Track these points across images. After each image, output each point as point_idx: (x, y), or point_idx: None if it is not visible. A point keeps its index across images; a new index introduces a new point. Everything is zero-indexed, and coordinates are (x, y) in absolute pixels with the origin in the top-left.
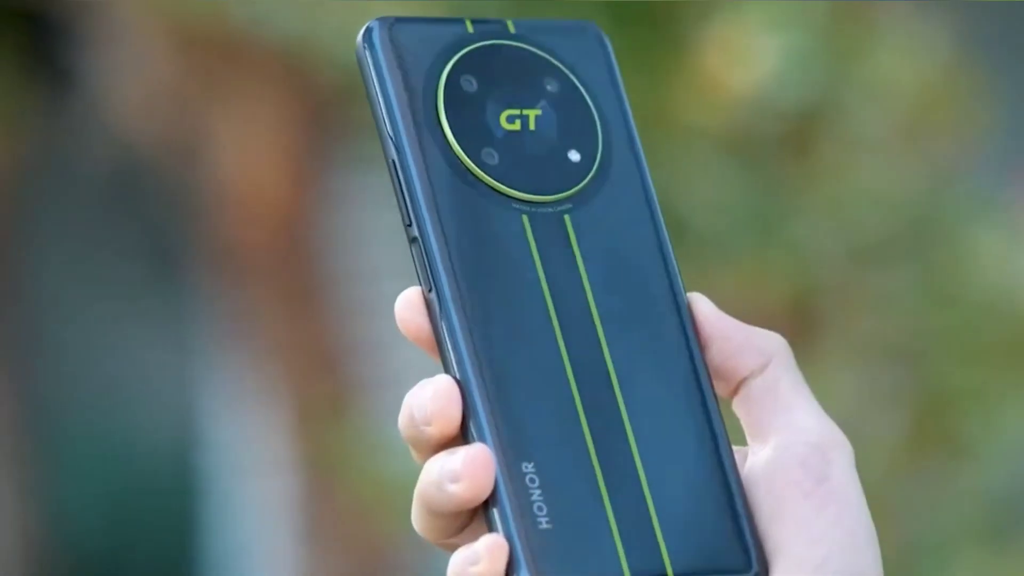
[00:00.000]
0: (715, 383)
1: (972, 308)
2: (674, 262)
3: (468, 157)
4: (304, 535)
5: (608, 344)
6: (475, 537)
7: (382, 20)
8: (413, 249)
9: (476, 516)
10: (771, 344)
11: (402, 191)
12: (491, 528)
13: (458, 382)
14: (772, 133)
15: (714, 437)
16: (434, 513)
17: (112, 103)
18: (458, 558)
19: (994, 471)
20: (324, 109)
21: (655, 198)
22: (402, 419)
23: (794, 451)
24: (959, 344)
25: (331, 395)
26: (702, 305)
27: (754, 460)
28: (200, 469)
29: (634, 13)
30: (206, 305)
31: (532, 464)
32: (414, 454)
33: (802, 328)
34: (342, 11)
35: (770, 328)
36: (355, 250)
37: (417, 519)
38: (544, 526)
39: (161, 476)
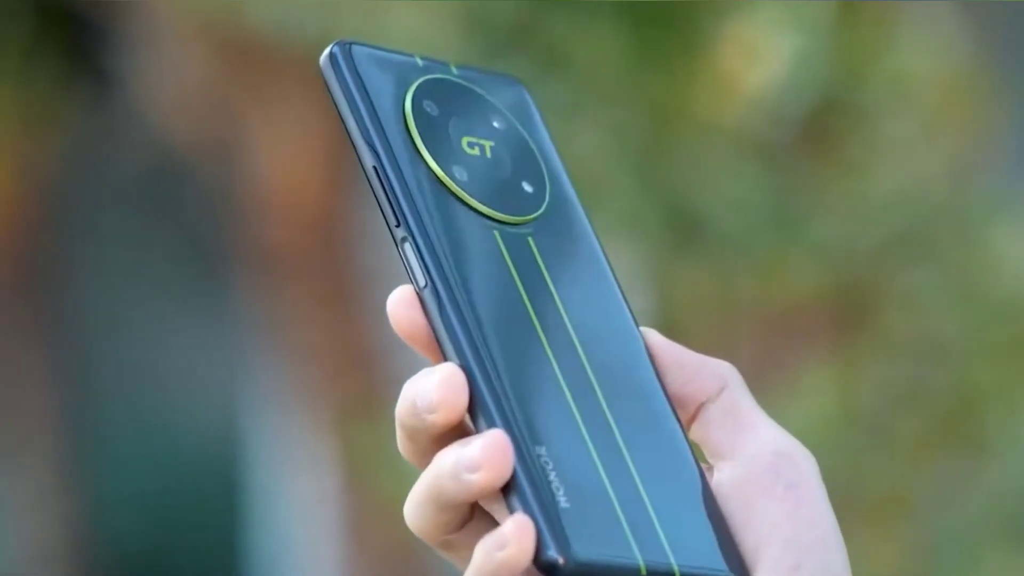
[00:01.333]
0: (678, 409)
1: (994, 305)
2: (624, 298)
3: (442, 170)
4: (341, 531)
5: (585, 352)
6: (476, 533)
7: (342, 43)
8: (404, 248)
9: (476, 511)
10: (724, 369)
11: (387, 194)
12: (512, 511)
13: (464, 370)
14: (791, 132)
15: (686, 445)
16: (444, 506)
17: (151, 105)
18: (484, 546)
19: (1018, 469)
20: None
21: (595, 236)
22: (402, 408)
23: (763, 460)
24: (981, 341)
25: (367, 393)
26: (654, 337)
27: (722, 475)
28: (240, 466)
29: (652, 12)
30: (244, 305)
31: (543, 448)
32: (406, 446)
33: (823, 326)
34: (377, 13)
35: (793, 326)
36: (390, 250)
37: (420, 516)
38: (564, 505)
39: (202, 474)
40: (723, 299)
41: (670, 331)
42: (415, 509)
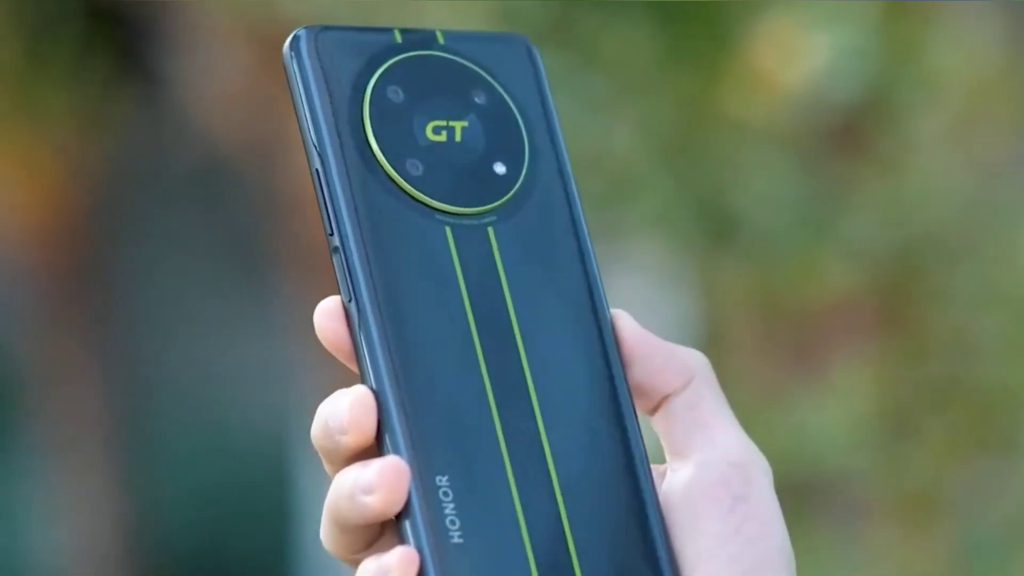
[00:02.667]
0: (636, 400)
1: None
2: (598, 277)
3: (392, 167)
4: None
5: (528, 359)
6: (384, 552)
7: (310, 28)
8: (335, 259)
9: (385, 531)
10: (693, 362)
11: (325, 201)
12: (403, 541)
13: (374, 393)
14: (824, 129)
15: (633, 456)
16: (344, 527)
17: (197, 105)
18: (367, 569)
19: None
20: None
21: (581, 212)
22: (315, 429)
23: (715, 470)
24: (1012, 340)
25: None
26: (624, 322)
27: (674, 478)
28: (290, 464)
29: (685, 9)
30: (290, 302)
31: (446, 478)
32: (327, 466)
33: (857, 324)
34: (417, 12)
35: (827, 324)
36: None
37: (325, 533)
38: (456, 540)
39: (252, 472)
40: (757, 296)
41: (704, 327)
42: (323, 527)
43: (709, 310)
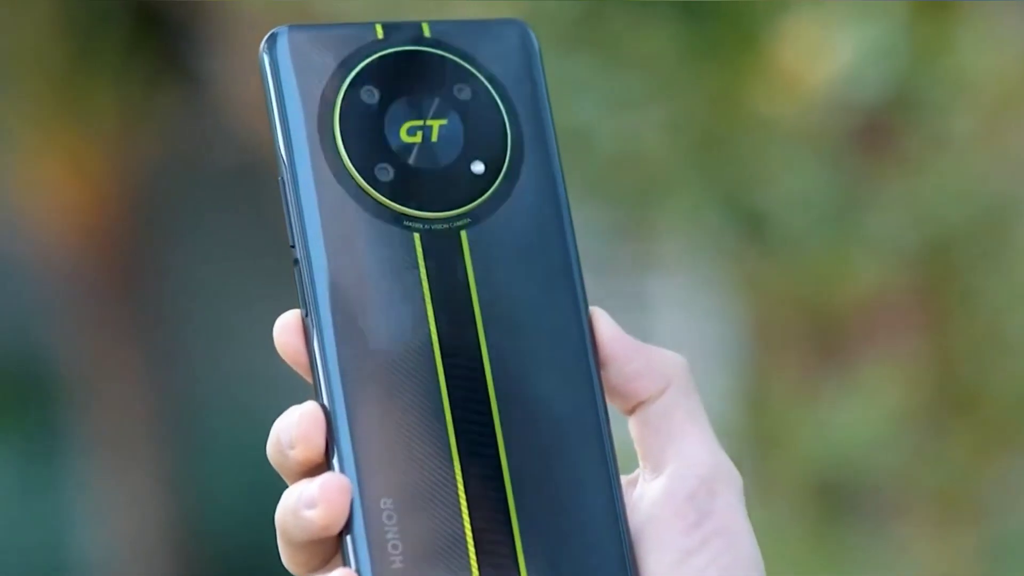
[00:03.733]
0: (612, 401)
1: None
2: (579, 275)
3: (360, 174)
4: None
5: (492, 372)
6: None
7: (287, 28)
8: (295, 271)
9: (338, 552)
10: (670, 368)
11: (288, 210)
12: (345, 561)
13: (324, 409)
14: (853, 127)
15: (601, 472)
16: (291, 542)
17: (238, 104)
18: None
19: None
20: None
21: (566, 205)
22: (269, 444)
23: (683, 484)
24: None
25: None
26: (603, 323)
27: (644, 489)
28: None
29: (712, 8)
30: None
31: (391, 500)
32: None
33: (884, 322)
34: (442, 11)
35: (854, 322)
36: None
37: (281, 552)
38: (396, 566)
39: None
40: (786, 294)
41: (733, 326)
42: (279, 543)
43: (738, 309)
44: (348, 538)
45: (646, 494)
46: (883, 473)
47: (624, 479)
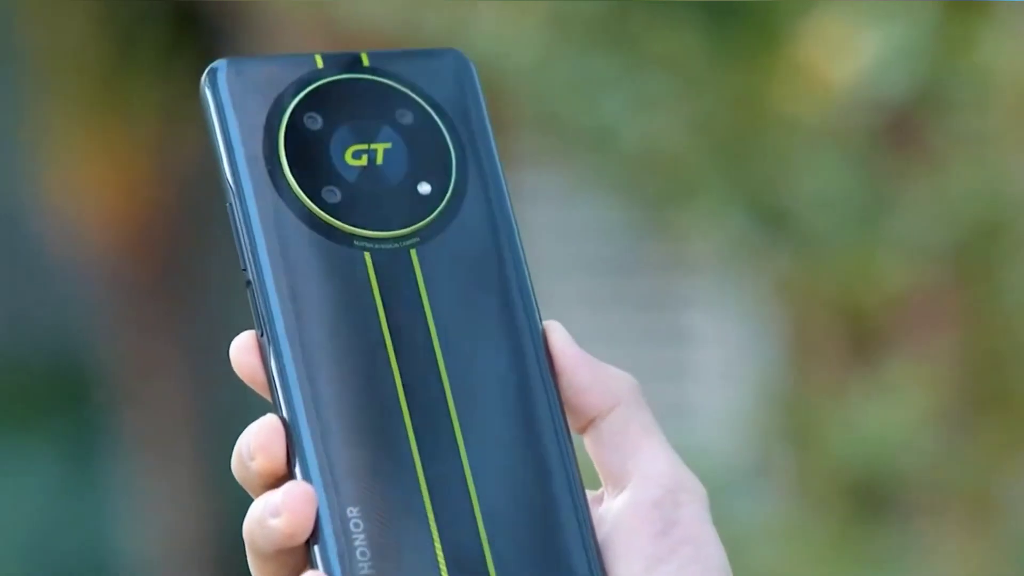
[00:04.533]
0: (569, 418)
1: None
2: (531, 292)
3: (307, 196)
4: None
5: (450, 382)
6: None
7: (226, 61)
8: (248, 293)
9: (308, 564)
10: (619, 386)
11: (238, 235)
12: (312, 567)
13: (284, 422)
14: (877, 125)
15: (562, 478)
16: (259, 554)
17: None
18: None
19: None
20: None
21: (514, 226)
22: (233, 459)
23: (647, 494)
24: None
25: None
26: (556, 337)
27: (609, 504)
28: None
29: (734, 7)
30: None
31: (357, 508)
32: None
33: (907, 322)
34: (469, 12)
35: (878, 322)
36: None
37: (250, 565)
38: (366, 571)
39: None
40: (811, 293)
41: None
42: (248, 557)
43: (764, 308)
44: (316, 547)
45: (611, 507)
46: (911, 472)
47: (588, 495)
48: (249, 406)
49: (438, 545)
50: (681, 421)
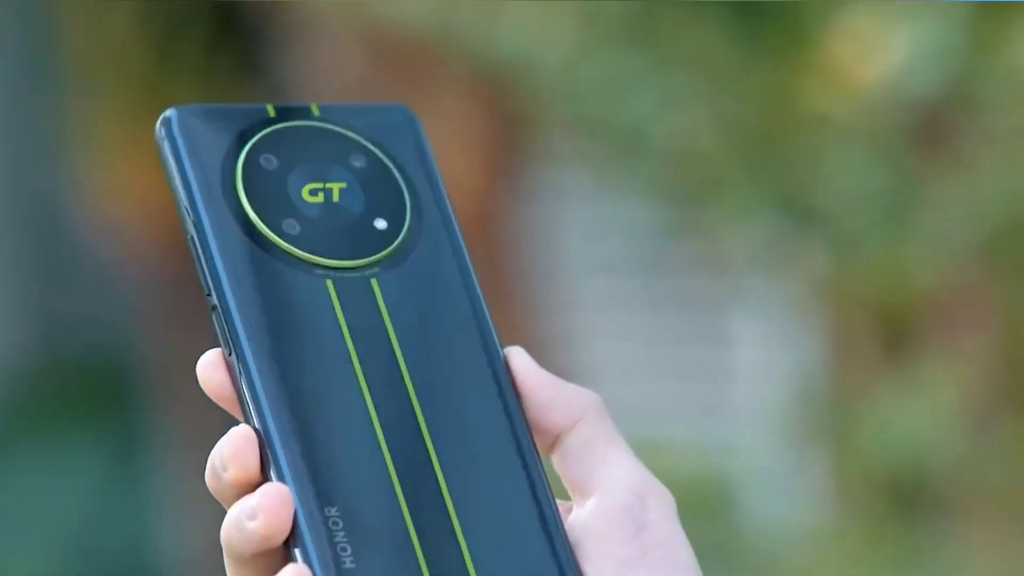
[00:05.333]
0: (535, 437)
1: None
2: (489, 321)
3: (267, 227)
4: None
5: (418, 399)
6: None
7: (180, 108)
8: (213, 317)
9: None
10: (582, 401)
11: (200, 262)
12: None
13: (257, 432)
14: (907, 124)
15: (532, 486)
16: (238, 559)
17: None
18: None
19: None
20: (515, 106)
21: (468, 262)
22: (207, 472)
23: (615, 499)
24: None
25: None
26: (517, 360)
27: (578, 512)
28: None
29: (764, 5)
30: None
31: (335, 508)
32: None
33: (934, 321)
34: (494, 10)
35: (908, 321)
36: (549, 246)
37: (227, 569)
38: (349, 565)
39: None
40: (842, 292)
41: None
42: (225, 563)
43: (796, 308)
44: (297, 548)
45: (580, 515)
46: (946, 471)
47: (559, 506)
48: None
49: (417, 543)
50: (715, 421)
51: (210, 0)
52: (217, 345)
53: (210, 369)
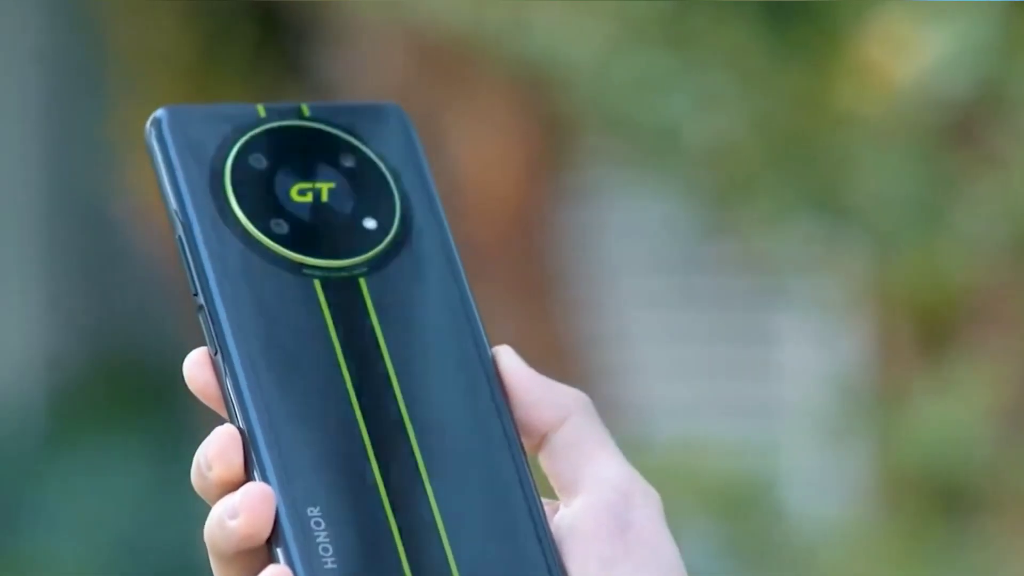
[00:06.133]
0: (523, 436)
1: None
2: (478, 320)
3: (255, 227)
4: None
5: (404, 398)
6: None
7: (170, 108)
8: (199, 316)
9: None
10: (569, 400)
11: (187, 263)
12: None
13: (241, 431)
14: (941, 124)
15: (517, 486)
16: (221, 556)
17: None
18: None
19: None
20: (555, 107)
21: (458, 261)
22: (192, 471)
23: (600, 497)
24: None
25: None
26: (505, 359)
27: (564, 511)
28: None
29: (796, 5)
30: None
31: (318, 508)
32: None
33: (970, 320)
34: (526, 9)
35: (941, 322)
36: (589, 245)
37: (212, 566)
38: (330, 566)
39: None
40: (874, 291)
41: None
42: (210, 560)
43: (824, 306)
44: (278, 547)
45: (566, 514)
46: (984, 470)
47: (544, 505)
48: None
49: (399, 543)
50: (756, 419)
51: (256, 1)
52: (204, 344)
53: (196, 368)
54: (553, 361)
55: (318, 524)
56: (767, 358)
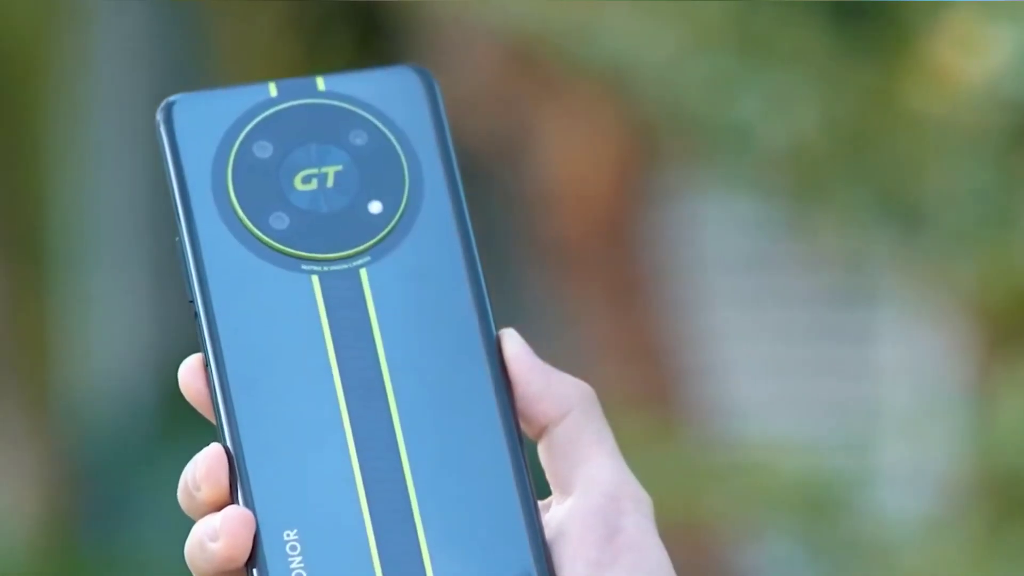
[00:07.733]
0: (523, 425)
1: None
2: (487, 303)
3: (254, 224)
4: None
5: (396, 402)
6: None
7: (182, 95)
8: (196, 323)
9: None
10: (572, 393)
11: (185, 268)
12: None
13: (227, 450)
14: (1009, 124)
15: (514, 499)
16: None
17: (450, 104)
18: None
19: None
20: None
21: (471, 236)
22: (179, 490)
23: (590, 501)
24: None
25: (658, 387)
26: (510, 345)
27: (556, 511)
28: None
29: (864, 5)
30: (537, 300)
31: (295, 532)
32: None
33: None
34: (589, 11)
35: (1012, 320)
36: (679, 243)
37: None
38: None
39: None
40: (942, 291)
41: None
42: None
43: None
44: (255, 571)
45: (556, 514)
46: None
47: (539, 503)
48: None
49: (379, 570)
50: (841, 418)
51: (355, 2)
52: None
53: (190, 375)
54: (644, 360)
55: (293, 549)
56: (855, 357)
